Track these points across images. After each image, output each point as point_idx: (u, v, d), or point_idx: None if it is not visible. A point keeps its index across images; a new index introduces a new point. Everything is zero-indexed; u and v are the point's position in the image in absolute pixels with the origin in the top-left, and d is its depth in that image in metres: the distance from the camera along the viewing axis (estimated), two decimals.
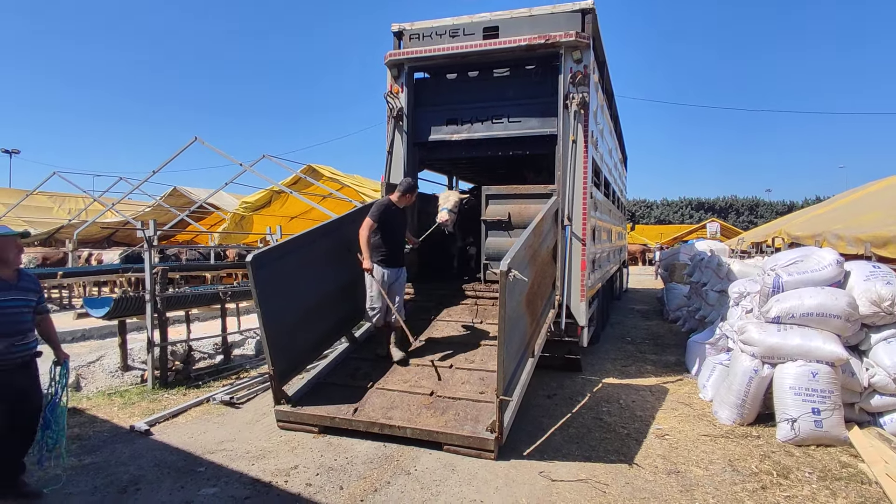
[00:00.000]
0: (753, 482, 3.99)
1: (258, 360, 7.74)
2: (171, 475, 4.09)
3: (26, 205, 19.93)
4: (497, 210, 6.85)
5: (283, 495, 3.78)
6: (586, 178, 6.40)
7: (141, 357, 7.01)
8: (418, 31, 7.09)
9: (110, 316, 6.51)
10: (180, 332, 7.73)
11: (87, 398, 5.96)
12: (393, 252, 5.72)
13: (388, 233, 5.67)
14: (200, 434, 4.95)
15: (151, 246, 6.51)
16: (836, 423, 4.59)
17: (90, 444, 4.67)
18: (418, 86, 7.40)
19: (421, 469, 4.20)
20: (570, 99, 6.31)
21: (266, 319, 4.75)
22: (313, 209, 15.61)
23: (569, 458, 4.41)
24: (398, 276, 5.76)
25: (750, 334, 5.11)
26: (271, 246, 5.40)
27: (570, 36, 6.24)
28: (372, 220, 5.52)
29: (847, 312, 4.83)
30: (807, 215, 12.34)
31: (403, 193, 5.80)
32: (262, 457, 4.42)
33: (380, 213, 5.57)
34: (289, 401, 5.01)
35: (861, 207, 8.69)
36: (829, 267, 5.23)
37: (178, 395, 6.07)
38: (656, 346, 8.96)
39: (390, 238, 5.69)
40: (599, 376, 6.94)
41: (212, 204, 17.69)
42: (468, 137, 7.09)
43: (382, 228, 5.61)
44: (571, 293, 6.31)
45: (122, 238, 22.29)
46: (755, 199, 57.98)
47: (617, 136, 11.34)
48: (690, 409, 5.68)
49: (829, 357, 4.69)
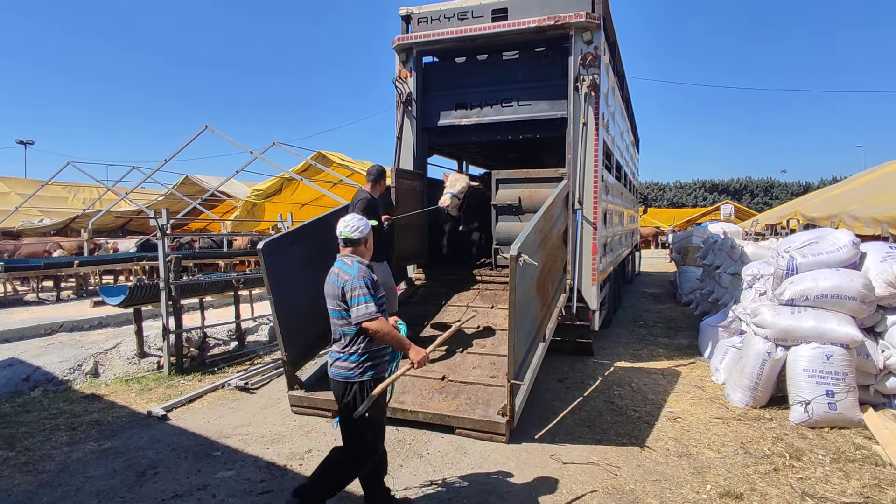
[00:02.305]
0: (766, 464, 3.99)
1: (272, 346, 7.82)
2: (188, 459, 4.17)
3: (42, 195, 20.19)
4: (507, 194, 6.81)
5: (297, 478, 3.84)
6: (597, 162, 6.34)
7: (157, 344, 7.12)
8: (426, 14, 7.01)
9: (126, 304, 6.61)
10: (195, 319, 7.82)
11: (105, 384, 6.08)
12: (380, 246, 5.45)
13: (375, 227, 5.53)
14: (216, 419, 5.03)
15: (165, 234, 6.57)
16: (850, 406, 4.56)
17: (109, 429, 4.76)
18: (427, 70, 7.34)
19: (433, 452, 4.24)
20: (581, 81, 6.23)
21: (278, 306, 4.79)
22: (324, 196, 15.65)
23: (580, 442, 4.44)
24: (385, 268, 5.59)
25: (763, 317, 5.06)
26: (282, 233, 5.43)
27: (579, 17, 6.15)
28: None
29: (862, 294, 4.77)
30: (822, 196, 12.15)
31: (375, 182, 5.55)
32: (276, 441, 4.49)
33: (367, 209, 5.22)
34: (302, 386, 5.07)
35: (878, 187, 8.52)
36: (844, 248, 5.16)
37: (194, 381, 6.17)
38: (669, 330, 8.93)
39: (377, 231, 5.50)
40: (611, 360, 6.94)
41: (223, 192, 17.79)
42: (477, 122, 7.04)
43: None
44: (583, 277, 6.29)
45: (136, 227, 22.52)
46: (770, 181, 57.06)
47: (628, 117, 11.21)
48: (703, 392, 5.67)
49: (843, 339, 4.64)
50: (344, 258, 3.22)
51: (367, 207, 5.26)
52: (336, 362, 3.17)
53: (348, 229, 3.23)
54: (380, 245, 5.51)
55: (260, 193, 16.93)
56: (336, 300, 3.13)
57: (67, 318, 8.84)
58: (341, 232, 3.25)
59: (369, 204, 5.34)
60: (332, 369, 3.19)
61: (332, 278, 3.18)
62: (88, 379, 6.23)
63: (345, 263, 3.18)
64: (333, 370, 3.19)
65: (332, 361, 3.20)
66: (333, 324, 3.20)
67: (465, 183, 6.78)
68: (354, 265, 3.15)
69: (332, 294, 3.15)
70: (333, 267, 3.23)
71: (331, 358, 3.22)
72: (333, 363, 3.19)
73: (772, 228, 14.67)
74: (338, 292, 3.11)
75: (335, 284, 3.14)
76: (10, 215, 19.02)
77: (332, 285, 3.17)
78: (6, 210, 19.51)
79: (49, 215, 20.66)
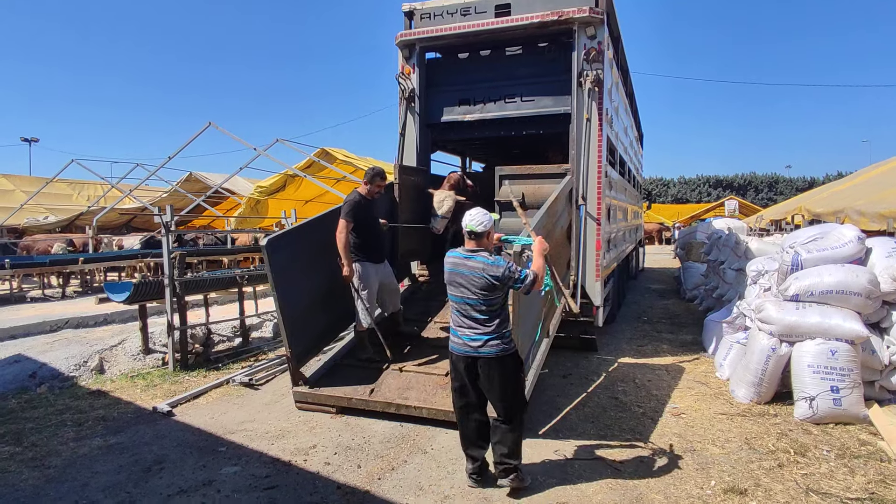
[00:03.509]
0: (770, 460, 3.98)
1: (276, 342, 7.84)
2: (194, 454, 4.19)
3: (46, 192, 20.24)
4: (511, 191, 6.79)
5: (302, 474, 3.86)
6: (601, 157, 6.32)
7: (161, 340, 7.14)
8: (429, 10, 6.99)
9: (130, 300, 6.63)
10: (199, 315, 7.84)
11: (110, 381, 6.11)
12: (377, 247, 5.45)
13: (365, 228, 5.30)
14: (221, 415, 5.05)
15: (169, 231, 6.59)
16: (855, 401, 4.55)
17: (115, 425, 4.79)
18: (430, 66, 7.33)
19: (437, 448, 4.25)
20: (584, 76, 6.21)
21: (282, 302, 4.80)
22: (327, 192, 15.63)
23: (584, 437, 4.44)
24: (386, 269, 5.59)
25: (768, 312, 5.05)
26: (285, 230, 5.44)
27: (583, 11, 6.12)
28: (347, 220, 5.11)
29: (868, 290, 4.75)
30: (828, 191, 12.07)
31: (371, 183, 5.35)
32: (281, 436, 4.50)
33: (353, 210, 5.16)
34: (306, 382, 5.09)
35: (885, 182, 8.46)
36: (849, 244, 5.14)
37: (199, 378, 6.19)
38: (673, 326, 8.91)
39: (369, 233, 5.35)
40: (615, 356, 6.94)
41: (227, 189, 17.80)
42: (481, 118, 7.03)
43: (359, 226, 5.23)
44: (586, 273, 6.28)
45: (140, 224, 22.59)
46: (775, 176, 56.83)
47: (632, 113, 11.16)
48: (707, 387, 5.66)
49: (848, 335, 4.62)
50: (478, 253, 3.50)
51: (351, 209, 5.15)
52: (489, 342, 3.45)
53: (473, 223, 3.51)
54: (378, 246, 5.50)
55: (263, 190, 16.93)
56: (482, 290, 3.42)
57: (73, 315, 8.89)
58: (467, 225, 3.53)
59: (355, 206, 5.19)
60: (487, 348, 3.45)
61: (471, 272, 3.44)
62: (94, 375, 6.25)
63: (485, 258, 3.46)
64: (488, 349, 3.45)
65: (484, 342, 3.46)
66: (469, 309, 3.48)
67: (451, 202, 6.60)
68: (498, 259, 3.47)
69: (476, 286, 3.42)
70: (465, 260, 3.49)
71: (475, 341, 3.47)
72: (485, 343, 3.45)
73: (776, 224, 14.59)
74: (485, 283, 3.40)
75: (482, 277, 3.41)
76: (15, 213, 19.10)
77: (475, 279, 3.42)
78: (11, 207, 19.58)
79: (54, 212, 20.72)
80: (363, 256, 5.28)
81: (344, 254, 5.05)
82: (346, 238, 5.08)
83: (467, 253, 3.53)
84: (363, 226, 5.26)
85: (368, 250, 5.32)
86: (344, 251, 5.05)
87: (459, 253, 3.57)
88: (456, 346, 3.58)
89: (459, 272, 3.49)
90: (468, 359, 3.52)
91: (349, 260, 5.10)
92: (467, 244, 3.56)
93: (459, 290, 3.50)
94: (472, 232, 3.51)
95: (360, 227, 5.22)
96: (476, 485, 3.63)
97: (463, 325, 3.54)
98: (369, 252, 5.33)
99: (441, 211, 6.56)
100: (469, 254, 3.52)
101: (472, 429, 3.67)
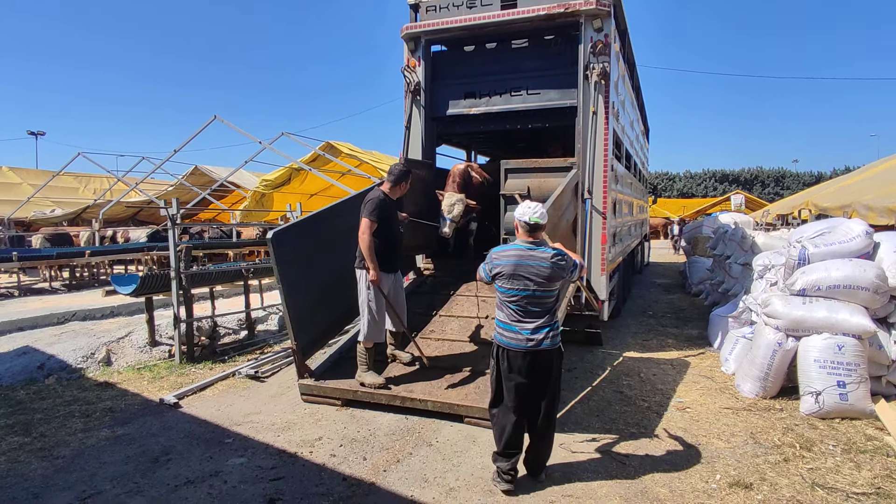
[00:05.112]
0: (776, 454, 3.98)
1: (281, 335, 7.87)
2: (200, 446, 4.22)
3: (53, 185, 20.31)
4: (516, 184, 6.77)
5: (308, 465, 3.88)
6: (607, 151, 6.29)
7: (168, 333, 7.19)
8: (435, 2, 6.95)
9: (137, 293, 6.66)
10: (205, 308, 7.88)
11: (117, 373, 6.15)
12: (395, 255, 5.06)
13: (388, 232, 4.89)
14: (227, 407, 5.08)
15: (175, 224, 6.61)
16: (861, 396, 4.53)
17: (122, 417, 4.82)
18: (435, 59, 7.30)
19: (442, 440, 4.26)
20: (591, 69, 6.17)
21: (288, 295, 4.81)
22: (332, 186, 15.63)
23: (589, 431, 4.44)
24: (398, 283, 5.20)
25: (774, 307, 5.03)
26: (291, 223, 5.44)
27: (590, 4, 6.07)
28: (371, 220, 4.71)
29: (875, 284, 4.72)
30: (835, 186, 12.00)
31: (396, 183, 4.99)
32: (287, 428, 4.53)
33: (378, 209, 4.75)
34: (312, 374, 5.11)
35: (893, 177, 8.39)
36: (857, 238, 5.10)
37: (205, 370, 6.22)
38: (678, 320, 8.89)
39: (388, 238, 4.91)
40: (620, 350, 6.93)
41: (232, 182, 17.81)
42: (486, 111, 7.00)
43: (381, 228, 4.80)
44: (592, 267, 6.27)
45: (146, 217, 22.64)
46: (781, 170, 56.40)
47: (639, 106, 11.10)
48: (712, 382, 5.65)
49: (855, 330, 4.60)
50: (541, 244, 3.53)
51: (376, 208, 4.75)
52: (549, 334, 3.48)
53: (537, 215, 3.50)
54: (395, 253, 5.09)
55: (269, 184, 16.93)
56: (549, 281, 3.44)
57: (80, 307, 8.94)
58: (531, 218, 3.49)
59: (380, 204, 4.79)
60: (547, 340, 3.47)
61: (539, 263, 3.43)
62: (101, 367, 6.30)
63: (550, 248, 3.52)
64: (549, 341, 3.47)
65: (546, 335, 3.47)
66: (534, 302, 3.46)
67: (462, 206, 6.40)
68: (558, 249, 3.55)
69: (543, 276, 3.42)
70: (531, 251, 3.47)
71: (538, 334, 3.46)
72: (546, 336, 3.47)
73: (783, 219, 14.53)
74: (552, 273, 3.43)
75: (550, 267, 3.42)
76: (21, 206, 19.18)
77: (543, 269, 3.42)
78: (18, 200, 19.65)
79: (60, 205, 20.79)
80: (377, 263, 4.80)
81: (369, 256, 4.68)
82: (369, 239, 4.67)
83: (530, 245, 3.50)
84: (382, 229, 4.82)
85: (384, 257, 4.83)
86: (369, 253, 4.68)
87: (521, 245, 3.51)
88: (515, 342, 3.47)
89: (526, 264, 3.43)
90: (531, 353, 3.46)
91: (375, 264, 4.70)
92: (525, 236, 3.52)
93: (523, 283, 3.43)
94: (537, 224, 3.49)
95: (379, 229, 4.78)
96: (509, 485, 3.48)
97: (523, 321, 3.46)
98: (384, 259, 4.84)
99: (451, 215, 6.44)
100: (533, 245, 3.50)
101: (519, 426, 3.55)
